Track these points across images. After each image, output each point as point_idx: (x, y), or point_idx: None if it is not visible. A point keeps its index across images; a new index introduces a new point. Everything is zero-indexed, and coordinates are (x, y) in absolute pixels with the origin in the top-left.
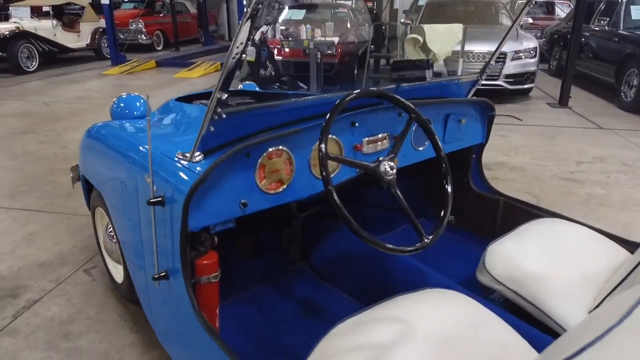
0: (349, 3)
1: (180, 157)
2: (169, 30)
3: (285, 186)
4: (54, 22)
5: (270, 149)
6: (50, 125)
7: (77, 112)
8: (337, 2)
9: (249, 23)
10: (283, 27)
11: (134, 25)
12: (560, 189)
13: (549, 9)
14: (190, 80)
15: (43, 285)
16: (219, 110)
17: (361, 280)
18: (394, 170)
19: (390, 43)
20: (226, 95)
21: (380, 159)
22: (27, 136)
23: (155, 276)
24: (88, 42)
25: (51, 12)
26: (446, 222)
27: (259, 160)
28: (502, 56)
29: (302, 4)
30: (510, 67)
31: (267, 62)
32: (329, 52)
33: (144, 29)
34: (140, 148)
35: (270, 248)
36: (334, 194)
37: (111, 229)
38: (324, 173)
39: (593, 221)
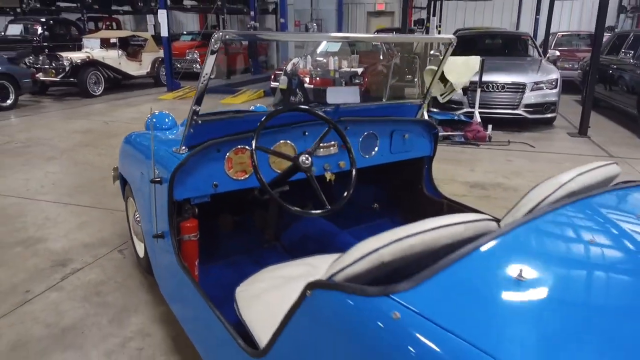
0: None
1: (175, 151)
2: (222, 60)
3: (247, 175)
4: (120, 52)
5: (237, 147)
6: (107, 141)
7: (130, 130)
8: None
9: (212, 57)
10: (321, 59)
11: (190, 55)
12: None
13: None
14: (234, 105)
15: (85, 259)
16: (195, 118)
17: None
18: (310, 161)
19: (414, 74)
20: (199, 108)
21: (300, 153)
22: (87, 148)
23: (154, 235)
24: (148, 70)
25: (117, 43)
26: (346, 197)
27: (227, 154)
28: (521, 87)
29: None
30: (530, 97)
31: (297, 90)
32: (357, 81)
33: (198, 59)
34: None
35: (250, 228)
36: (262, 176)
37: (137, 214)
38: (254, 162)
39: None
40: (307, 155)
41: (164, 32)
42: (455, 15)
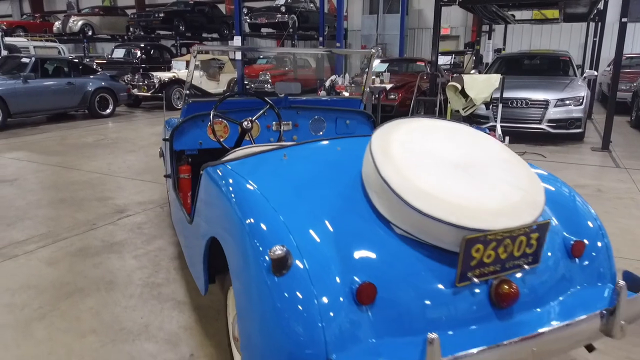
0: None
1: (177, 121)
2: (291, 81)
3: (223, 139)
4: (201, 72)
5: (215, 120)
6: None
7: None
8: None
9: (193, 72)
10: (358, 78)
11: (262, 77)
12: None
13: None
14: None
15: (136, 210)
16: (187, 99)
17: None
18: (250, 125)
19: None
20: (188, 92)
21: (245, 119)
22: (159, 145)
23: (164, 175)
24: (225, 88)
25: (199, 65)
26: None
27: (209, 124)
28: (545, 103)
29: (388, 59)
30: (554, 113)
31: None
32: (392, 96)
33: (269, 79)
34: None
35: None
36: (218, 137)
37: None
38: (212, 125)
39: None
40: (248, 121)
41: (238, 56)
42: (522, 38)
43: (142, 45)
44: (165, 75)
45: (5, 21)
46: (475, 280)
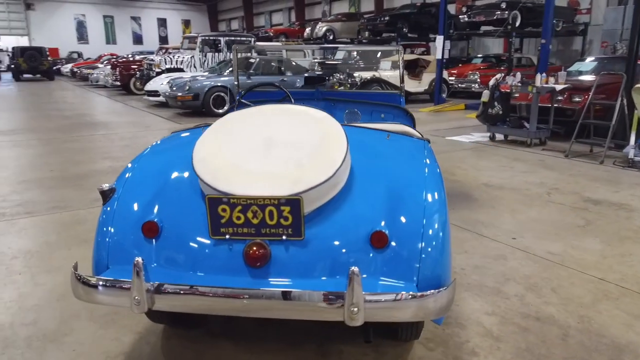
0: None
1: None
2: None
3: None
4: (405, 72)
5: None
6: None
7: None
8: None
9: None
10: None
11: (470, 76)
12: (487, 191)
13: None
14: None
15: None
16: (237, 99)
17: None
18: None
19: None
20: (237, 82)
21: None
22: None
23: None
24: (426, 88)
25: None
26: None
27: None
28: None
29: (602, 57)
30: None
31: (496, 103)
32: (576, 99)
33: (478, 79)
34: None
35: None
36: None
37: None
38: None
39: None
40: None
41: (438, 55)
42: None
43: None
44: (366, 75)
45: (274, 29)
46: (228, 237)
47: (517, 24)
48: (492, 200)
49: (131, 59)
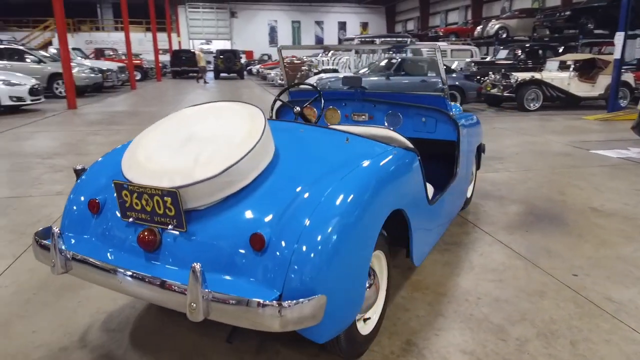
0: None
1: None
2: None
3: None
4: (572, 74)
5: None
6: None
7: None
8: None
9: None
10: None
11: None
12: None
13: None
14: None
15: None
16: (288, 89)
17: None
18: (300, 110)
19: None
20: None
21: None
22: None
23: None
24: (602, 92)
25: (572, 65)
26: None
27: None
28: None
29: None
30: None
31: None
32: None
33: None
34: None
35: None
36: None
37: None
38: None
39: None
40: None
41: (616, 54)
42: None
43: (525, 45)
44: (523, 76)
45: (444, 29)
46: (132, 220)
47: None
48: (584, 228)
49: (297, 61)
